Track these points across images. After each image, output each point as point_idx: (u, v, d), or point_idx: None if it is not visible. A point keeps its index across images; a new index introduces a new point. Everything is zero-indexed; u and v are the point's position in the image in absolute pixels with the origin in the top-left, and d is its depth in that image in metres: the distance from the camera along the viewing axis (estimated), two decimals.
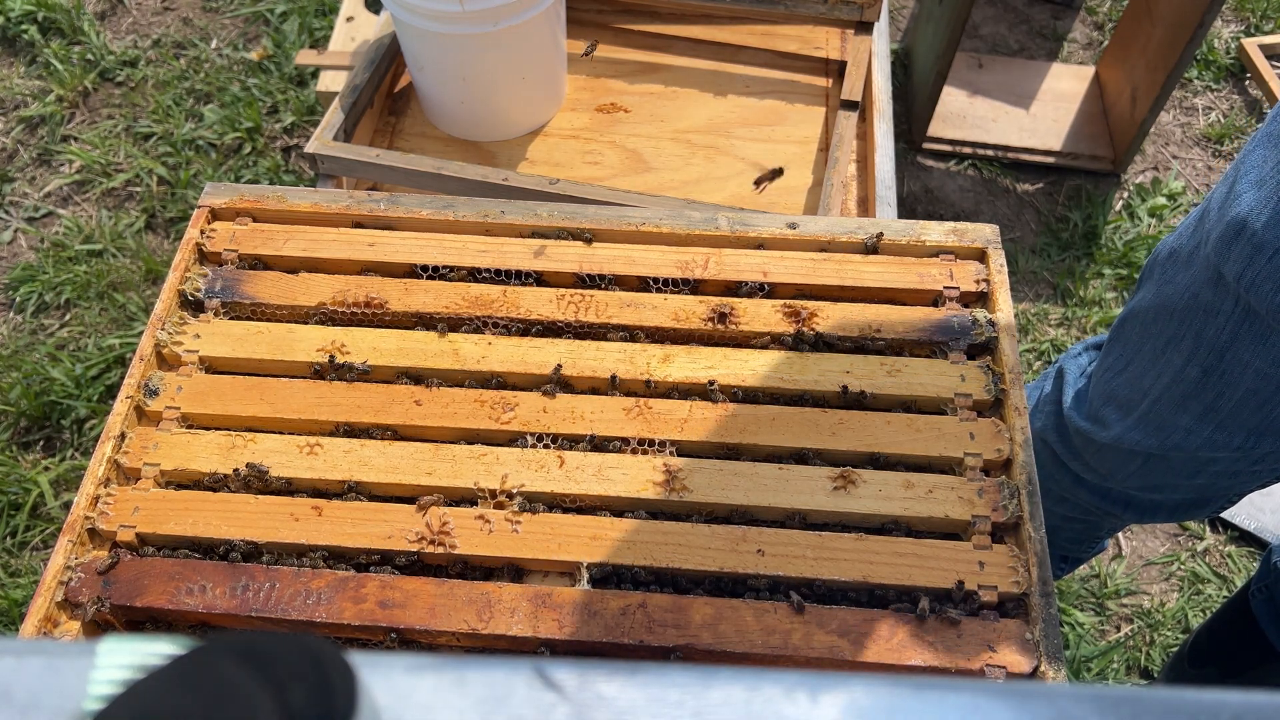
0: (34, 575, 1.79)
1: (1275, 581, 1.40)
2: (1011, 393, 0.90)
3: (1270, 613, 1.41)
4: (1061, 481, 1.33)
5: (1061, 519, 1.41)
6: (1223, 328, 1.00)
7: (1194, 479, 1.17)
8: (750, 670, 0.35)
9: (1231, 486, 1.18)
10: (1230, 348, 1.00)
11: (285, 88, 2.46)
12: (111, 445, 0.88)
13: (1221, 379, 1.03)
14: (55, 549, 0.83)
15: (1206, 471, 1.15)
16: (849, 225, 1.01)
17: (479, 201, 1.04)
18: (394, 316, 0.97)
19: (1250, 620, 1.46)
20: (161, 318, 0.96)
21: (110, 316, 2.11)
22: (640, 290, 0.99)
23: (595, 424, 0.89)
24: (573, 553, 0.82)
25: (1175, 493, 1.23)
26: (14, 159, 2.37)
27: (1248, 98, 2.52)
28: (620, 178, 1.39)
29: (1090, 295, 2.15)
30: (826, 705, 0.33)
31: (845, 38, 1.57)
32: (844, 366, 0.92)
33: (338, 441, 0.89)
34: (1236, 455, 1.09)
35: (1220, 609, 1.60)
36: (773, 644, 0.77)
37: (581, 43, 1.55)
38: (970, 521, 0.83)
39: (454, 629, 0.79)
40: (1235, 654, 1.52)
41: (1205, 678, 1.56)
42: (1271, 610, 1.40)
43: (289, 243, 1.01)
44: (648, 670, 0.34)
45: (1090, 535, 1.47)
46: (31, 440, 1.97)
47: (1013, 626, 0.78)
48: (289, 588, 0.81)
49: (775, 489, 0.85)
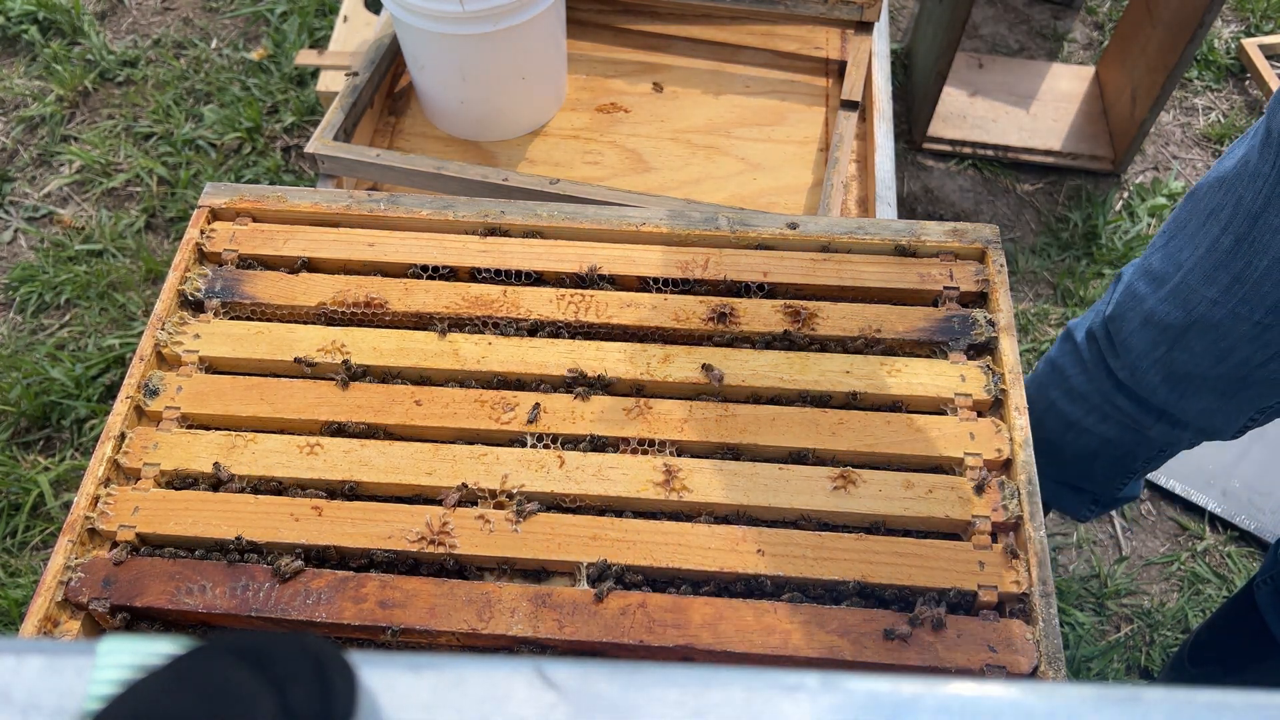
0: (34, 575, 1.79)
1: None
2: (1011, 393, 0.90)
3: (1276, 604, 1.40)
4: (1104, 386, 1.31)
5: (1100, 442, 1.40)
6: (1260, 191, 1.03)
7: (1216, 368, 1.18)
8: (750, 670, 0.35)
9: (1251, 391, 1.19)
10: (1264, 213, 1.03)
11: (285, 88, 2.46)
12: (111, 445, 0.88)
13: (1251, 247, 1.06)
14: (55, 549, 0.83)
15: (1228, 362, 1.16)
16: (849, 225, 1.01)
17: (479, 201, 1.04)
18: (394, 316, 0.97)
19: (1252, 616, 1.46)
20: (161, 318, 0.96)
21: (110, 316, 2.11)
22: (640, 290, 0.99)
23: (595, 424, 0.89)
24: (573, 553, 0.82)
25: (1199, 397, 1.24)
26: (14, 159, 2.37)
27: (1248, 98, 2.52)
28: (620, 178, 1.39)
29: (1090, 295, 2.15)
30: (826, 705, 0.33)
31: (845, 38, 1.57)
32: (844, 366, 0.92)
33: (338, 441, 0.89)
34: (1256, 338, 1.11)
35: (1222, 606, 1.60)
36: (773, 644, 0.77)
37: (583, 43, 1.55)
38: (970, 521, 0.83)
39: (454, 629, 0.79)
40: (1237, 650, 1.52)
41: (1207, 677, 1.56)
42: (1278, 602, 1.40)
43: (289, 243, 1.01)
44: (648, 670, 0.34)
45: (1124, 467, 1.46)
46: (31, 440, 1.97)
47: (1013, 626, 0.78)
48: (289, 588, 0.81)
49: (775, 489, 0.85)
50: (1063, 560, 1.85)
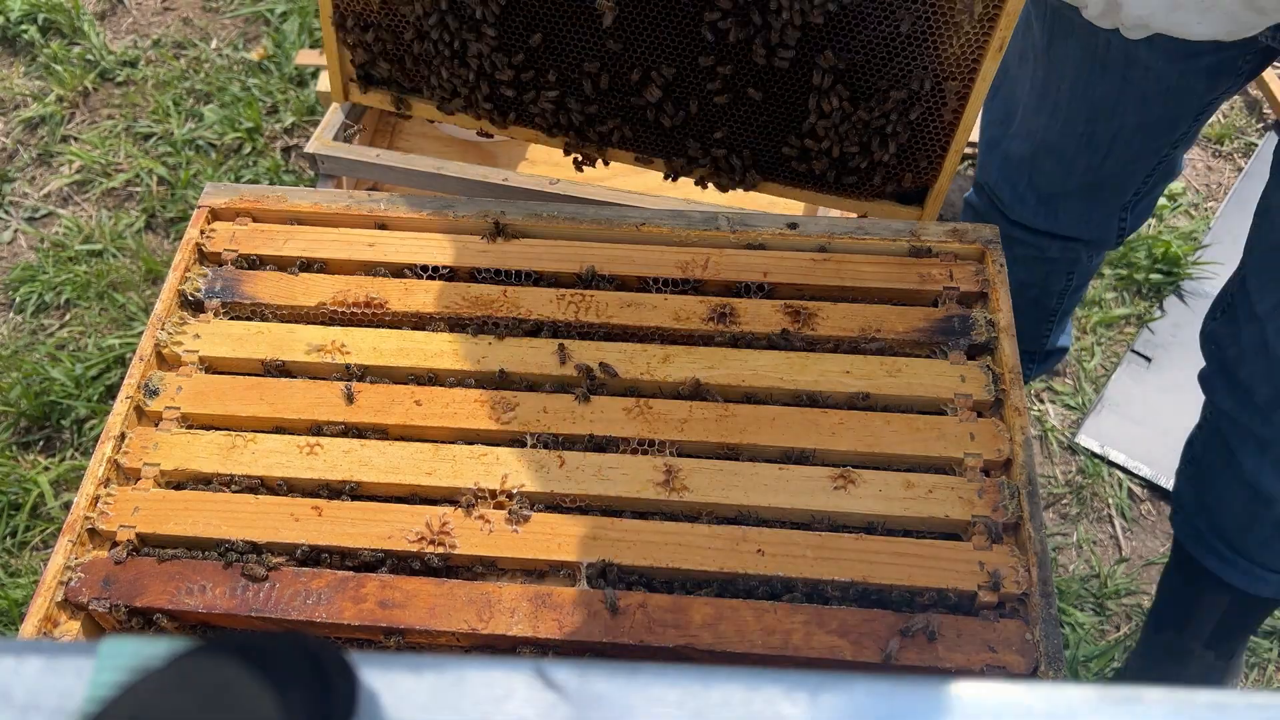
0: (34, 575, 1.79)
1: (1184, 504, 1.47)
2: (1011, 393, 0.90)
3: (1190, 531, 1.46)
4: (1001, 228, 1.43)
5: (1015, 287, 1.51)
6: (1044, 25, 1.23)
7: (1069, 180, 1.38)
8: (750, 670, 0.35)
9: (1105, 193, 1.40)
10: (1051, 44, 1.24)
11: (285, 88, 2.46)
12: (111, 445, 0.88)
13: (1054, 72, 1.26)
14: (55, 549, 0.83)
15: (1075, 172, 1.36)
16: (849, 225, 1.01)
17: (479, 201, 1.04)
18: (394, 316, 0.97)
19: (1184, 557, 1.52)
20: (161, 318, 0.96)
21: (110, 316, 2.11)
22: (640, 290, 0.99)
23: (595, 424, 0.89)
24: (572, 553, 0.82)
25: (1069, 208, 1.44)
26: (14, 159, 2.37)
27: (1248, 98, 2.51)
28: (620, 178, 1.39)
29: (1090, 296, 2.15)
30: (826, 705, 0.33)
31: None
32: (844, 367, 0.92)
33: (338, 441, 0.89)
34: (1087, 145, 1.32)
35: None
36: (773, 644, 0.77)
37: None
38: (970, 521, 0.83)
39: (454, 629, 0.79)
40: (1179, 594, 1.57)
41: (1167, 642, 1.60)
42: (1190, 529, 1.46)
43: (289, 243, 1.01)
44: (648, 670, 0.34)
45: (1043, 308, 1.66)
46: (31, 440, 1.97)
47: (1013, 627, 0.78)
48: (289, 588, 0.81)
49: (775, 489, 0.85)
50: (1062, 560, 1.85)
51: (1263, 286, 1.18)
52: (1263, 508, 1.31)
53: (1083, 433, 1.94)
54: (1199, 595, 1.51)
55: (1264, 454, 1.26)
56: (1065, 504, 1.91)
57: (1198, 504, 1.43)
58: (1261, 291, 1.18)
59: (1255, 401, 1.23)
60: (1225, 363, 1.28)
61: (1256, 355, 1.21)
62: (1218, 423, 1.33)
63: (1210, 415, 1.37)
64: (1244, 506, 1.34)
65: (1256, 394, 1.23)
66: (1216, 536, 1.39)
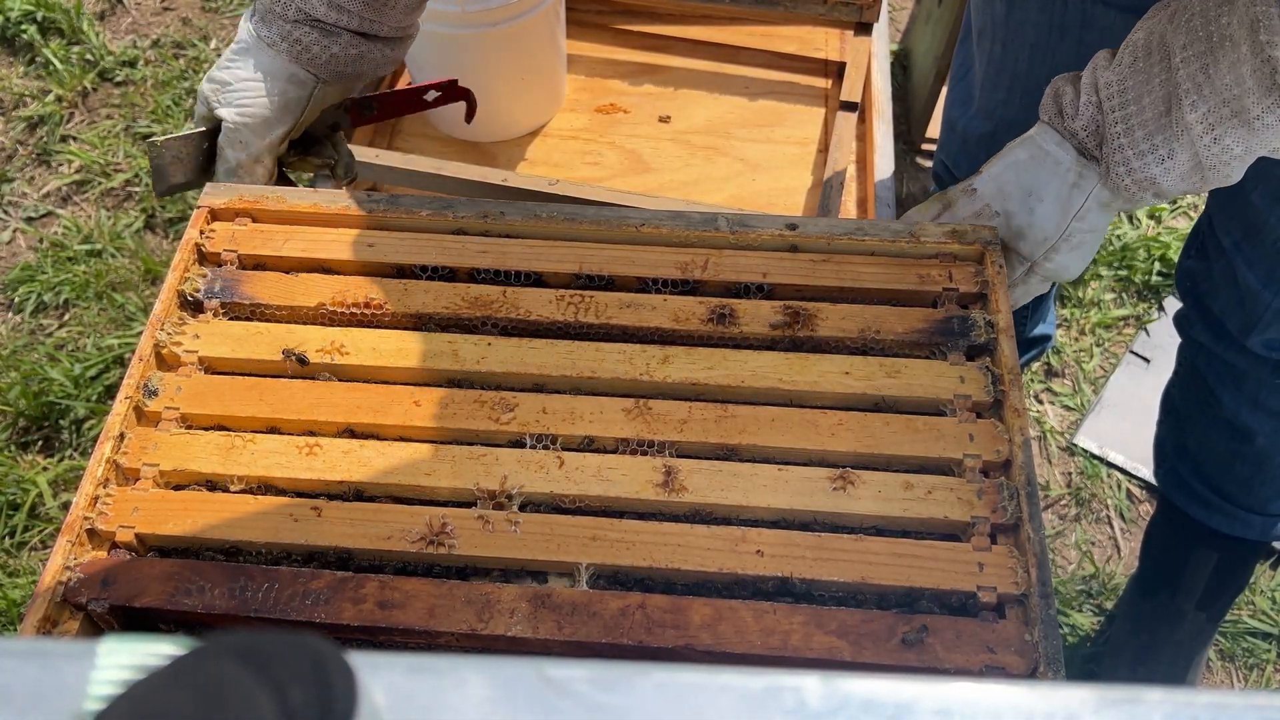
0: (32, 575, 1.79)
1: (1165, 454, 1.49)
2: (1011, 394, 0.90)
3: (1174, 480, 1.48)
4: None
5: None
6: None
7: None
8: (750, 670, 0.35)
9: None
10: (1009, 14, 1.23)
11: None
12: (110, 445, 0.88)
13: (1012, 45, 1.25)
14: (54, 549, 0.83)
15: None
16: (848, 226, 1.01)
17: (479, 202, 1.04)
18: (393, 317, 0.97)
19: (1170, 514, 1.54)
20: (160, 318, 0.95)
21: (109, 316, 2.11)
22: (639, 291, 0.99)
23: (594, 424, 0.89)
24: (572, 553, 0.82)
25: None
26: (13, 159, 2.37)
27: None
28: (620, 178, 1.39)
29: (1089, 296, 2.16)
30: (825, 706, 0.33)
31: (844, 39, 1.57)
32: (843, 367, 0.92)
33: (337, 442, 0.89)
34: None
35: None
36: (772, 644, 0.77)
37: (583, 43, 1.55)
38: (969, 523, 0.83)
39: (454, 629, 0.79)
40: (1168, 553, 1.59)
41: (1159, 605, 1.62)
42: (1174, 478, 1.48)
43: (289, 243, 1.01)
44: (647, 670, 0.34)
45: None
46: (30, 440, 1.96)
47: (1012, 628, 0.78)
48: (288, 588, 0.81)
49: (775, 489, 0.85)
50: (1062, 561, 1.85)
51: (1226, 224, 1.26)
52: (1243, 443, 1.35)
53: (1081, 434, 1.94)
54: (1188, 552, 1.54)
55: (1240, 388, 1.31)
56: (1064, 505, 1.91)
57: (1179, 450, 1.47)
58: (1225, 228, 1.26)
59: (1229, 330, 1.29)
60: (1200, 297, 1.33)
61: (1228, 286, 1.27)
62: (1194, 361, 1.37)
63: (1186, 359, 1.41)
64: (1225, 445, 1.38)
65: (1229, 322, 1.29)
66: (1200, 480, 1.43)
